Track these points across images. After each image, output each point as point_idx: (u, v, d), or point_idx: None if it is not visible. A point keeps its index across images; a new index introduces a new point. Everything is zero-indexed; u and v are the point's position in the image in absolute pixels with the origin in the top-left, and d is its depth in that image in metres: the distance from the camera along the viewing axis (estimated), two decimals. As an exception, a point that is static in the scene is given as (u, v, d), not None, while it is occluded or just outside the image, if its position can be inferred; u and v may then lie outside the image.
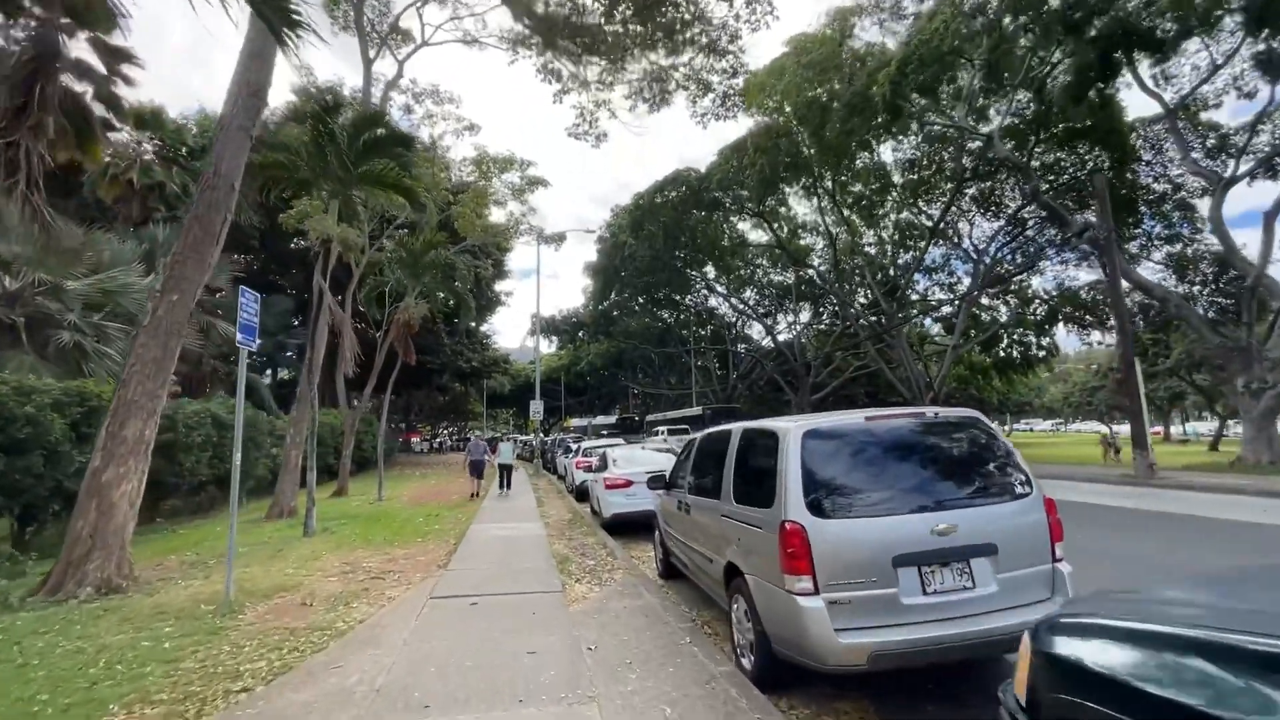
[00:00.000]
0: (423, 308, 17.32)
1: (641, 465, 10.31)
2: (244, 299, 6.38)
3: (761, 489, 4.03)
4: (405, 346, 17.24)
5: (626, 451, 11.20)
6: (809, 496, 3.59)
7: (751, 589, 3.93)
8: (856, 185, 30.63)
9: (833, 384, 40.43)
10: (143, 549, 9.80)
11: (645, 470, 9.97)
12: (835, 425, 3.91)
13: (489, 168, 19.64)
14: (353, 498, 17.34)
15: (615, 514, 9.73)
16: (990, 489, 3.80)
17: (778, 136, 19.87)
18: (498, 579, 6.70)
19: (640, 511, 9.54)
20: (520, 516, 11.93)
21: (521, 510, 13.00)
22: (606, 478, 9.99)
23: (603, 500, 10.09)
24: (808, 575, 3.44)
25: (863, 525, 3.53)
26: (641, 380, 60.73)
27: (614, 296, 42.50)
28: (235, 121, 7.91)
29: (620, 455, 10.75)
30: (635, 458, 10.67)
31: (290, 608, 5.84)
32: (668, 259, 28.76)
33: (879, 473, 3.73)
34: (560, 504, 14.43)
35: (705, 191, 23.33)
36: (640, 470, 10.03)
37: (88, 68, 12.82)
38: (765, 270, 44.22)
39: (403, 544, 9.21)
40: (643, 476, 9.84)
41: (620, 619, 5.17)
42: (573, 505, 14.04)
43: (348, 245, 11.31)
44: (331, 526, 11.38)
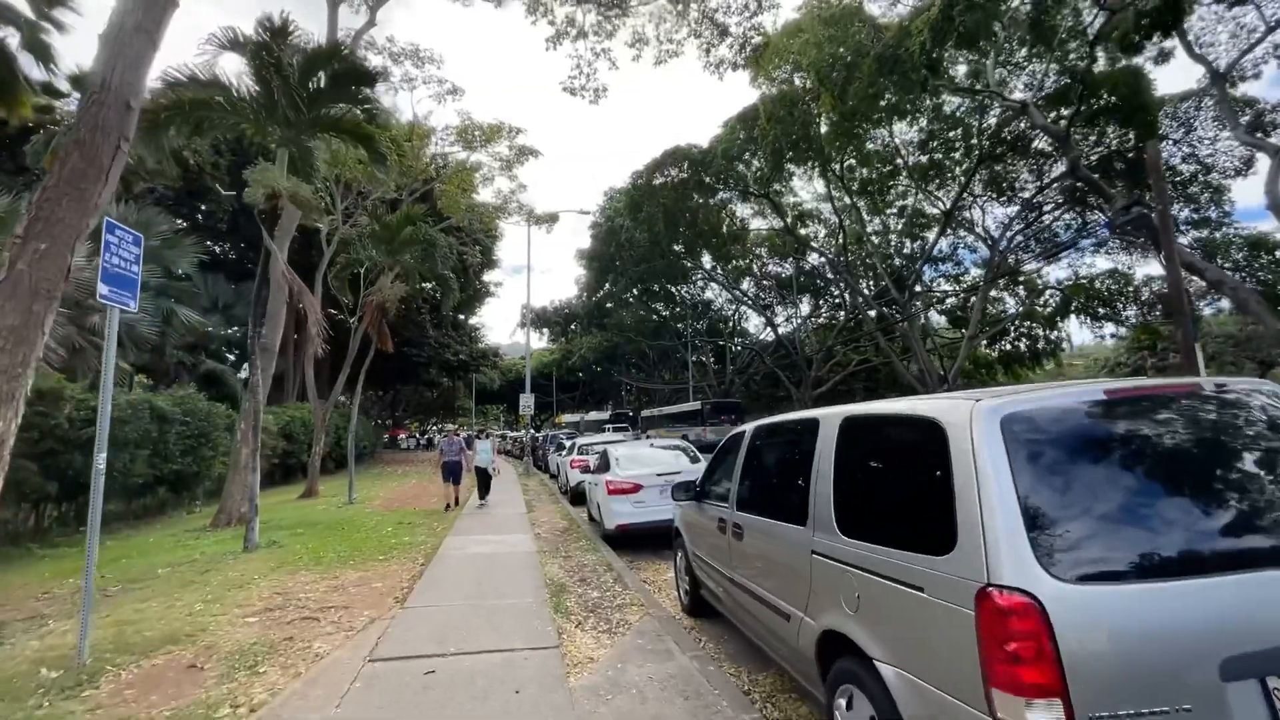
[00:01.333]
0: (399, 290, 15.50)
1: (650, 466, 8.61)
2: (111, 237, 4.61)
3: (912, 519, 2.35)
4: (381, 333, 15.42)
5: (631, 449, 9.47)
6: (1034, 537, 1.90)
7: (897, 695, 2.23)
8: (864, 170, 29.04)
9: (835, 378, 38.90)
10: (39, 570, 7.98)
11: (656, 472, 8.28)
12: (1052, 405, 2.19)
13: (474, 137, 17.81)
14: (322, 500, 15.54)
15: (620, 525, 8.03)
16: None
17: (792, 105, 18.15)
18: (469, 624, 4.96)
19: (651, 523, 7.85)
20: (506, 526, 10.20)
21: (508, 518, 11.25)
22: (610, 481, 8.28)
23: (605, 508, 8.40)
24: (1053, 696, 1.75)
25: (1147, 596, 1.84)
26: (635, 375, 59.02)
27: (609, 287, 40.71)
28: (131, 20, 6.06)
29: (624, 454, 9.04)
30: (642, 457, 8.96)
31: (170, 674, 4.08)
32: (667, 245, 27.01)
33: (1153, 491, 2.03)
34: (553, 509, 12.71)
35: (709, 166, 21.56)
36: (649, 472, 8.33)
37: (12, 13, 11.03)
38: (764, 261, 42.63)
39: (359, 563, 7.46)
40: (654, 480, 8.16)
41: (647, 703, 3.46)
42: (567, 511, 12.32)
43: (300, 203, 9.50)
44: (281, 538, 9.59)
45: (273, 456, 20.95)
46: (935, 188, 28.16)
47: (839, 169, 26.87)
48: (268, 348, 11.64)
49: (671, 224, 24.73)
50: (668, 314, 48.73)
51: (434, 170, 21.05)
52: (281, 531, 10.49)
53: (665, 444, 9.42)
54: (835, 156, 22.56)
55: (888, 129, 25.79)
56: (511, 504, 13.26)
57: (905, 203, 32.44)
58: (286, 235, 12.20)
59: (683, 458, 8.89)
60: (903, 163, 28.60)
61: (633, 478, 8.19)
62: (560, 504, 13.44)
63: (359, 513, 12.50)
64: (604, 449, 10.06)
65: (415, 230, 14.97)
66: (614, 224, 27.07)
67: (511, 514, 11.66)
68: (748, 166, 23.14)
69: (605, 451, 9.54)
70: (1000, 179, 27.39)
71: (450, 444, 12.72)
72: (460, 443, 12.71)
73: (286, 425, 22.12)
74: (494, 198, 21.37)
